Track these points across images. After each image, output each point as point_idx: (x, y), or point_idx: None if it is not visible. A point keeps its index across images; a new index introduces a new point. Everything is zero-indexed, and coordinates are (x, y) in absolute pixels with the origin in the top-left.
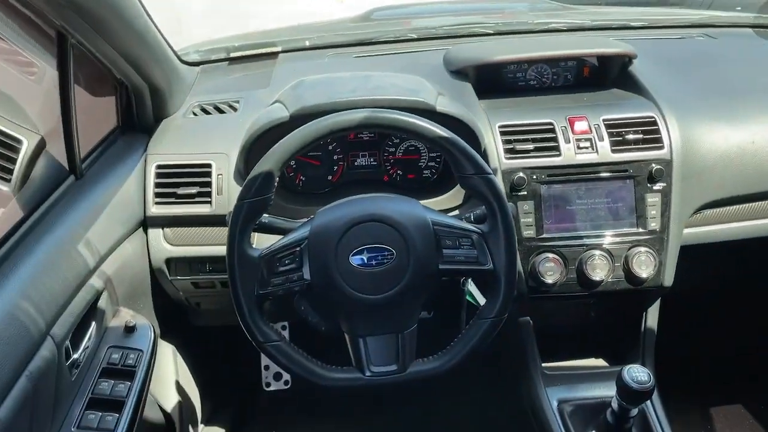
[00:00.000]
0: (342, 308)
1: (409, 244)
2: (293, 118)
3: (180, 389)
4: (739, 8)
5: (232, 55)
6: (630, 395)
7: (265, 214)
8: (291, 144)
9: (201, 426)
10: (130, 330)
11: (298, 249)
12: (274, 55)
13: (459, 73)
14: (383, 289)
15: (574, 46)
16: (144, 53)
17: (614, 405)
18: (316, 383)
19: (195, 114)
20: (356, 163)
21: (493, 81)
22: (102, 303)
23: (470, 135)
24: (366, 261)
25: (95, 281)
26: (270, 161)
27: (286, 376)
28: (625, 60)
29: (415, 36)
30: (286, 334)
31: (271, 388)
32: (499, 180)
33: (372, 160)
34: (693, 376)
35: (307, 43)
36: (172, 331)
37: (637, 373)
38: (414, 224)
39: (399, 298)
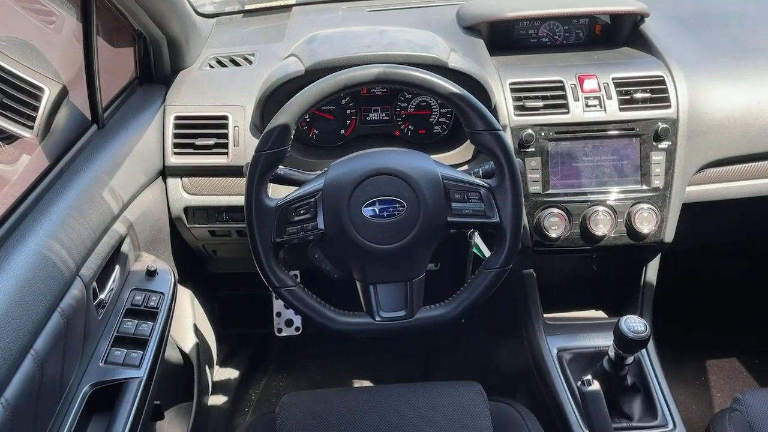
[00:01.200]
0: (354, 257)
1: (419, 197)
2: (308, 73)
3: (197, 332)
4: None
5: (247, 7)
6: (626, 343)
7: (281, 166)
8: (307, 98)
9: (217, 367)
10: (151, 274)
11: (312, 200)
12: (288, 8)
13: (471, 29)
14: (394, 240)
15: (586, 4)
16: (163, 5)
17: (611, 353)
18: (329, 327)
19: (211, 66)
20: (368, 118)
21: (505, 37)
22: (125, 248)
23: (481, 91)
24: (378, 212)
25: (119, 227)
26: (286, 114)
27: (297, 323)
28: (637, 18)
29: None
30: None
31: (283, 334)
32: (508, 136)
33: (384, 114)
34: (690, 330)
35: None
36: (189, 277)
37: (634, 323)
38: (424, 178)
39: (409, 248)
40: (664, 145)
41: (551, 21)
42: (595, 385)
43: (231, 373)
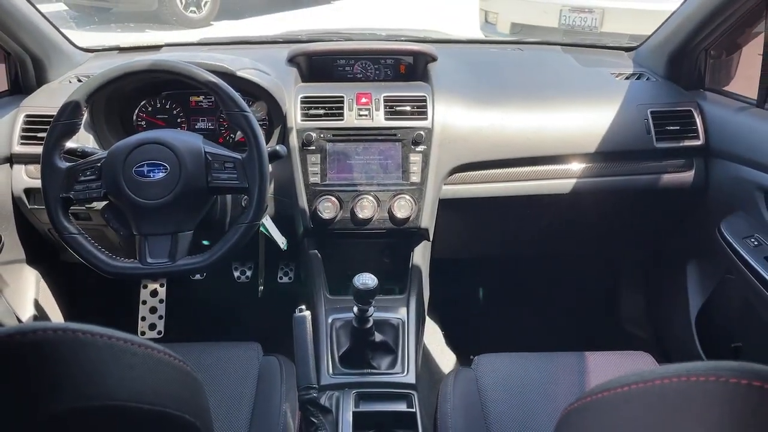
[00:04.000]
0: (130, 212)
1: (181, 163)
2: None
3: (41, 311)
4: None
5: (122, 45)
6: (358, 294)
7: (87, 146)
8: (94, 80)
9: None
10: None
11: (98, 165)
12: (158, 47)
13: (291, 61)
14: (158, 196)
15: (388, 47)
16: (13, 24)
17: (355, 309)
18: (103, 269)
19: (70, 82)
20: (197, 126)
21: (325, 71)
22: None
23: (274, 102)
24: (145, 173)
25: None
26: (77, 93)
27: (160, 327)
28: (428, 58)
29: (281, 39)
30: (163, 290)
31: (145, 338)
32: (254, 119)
33: (210, 124)
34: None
35: (194, 41)
36: (38, 260)
37: (365, 278)
38: (188, 149)
39: (172, 205)
40: (420, 148)
41: (363, 60)
42: (306, 313)
43: None
